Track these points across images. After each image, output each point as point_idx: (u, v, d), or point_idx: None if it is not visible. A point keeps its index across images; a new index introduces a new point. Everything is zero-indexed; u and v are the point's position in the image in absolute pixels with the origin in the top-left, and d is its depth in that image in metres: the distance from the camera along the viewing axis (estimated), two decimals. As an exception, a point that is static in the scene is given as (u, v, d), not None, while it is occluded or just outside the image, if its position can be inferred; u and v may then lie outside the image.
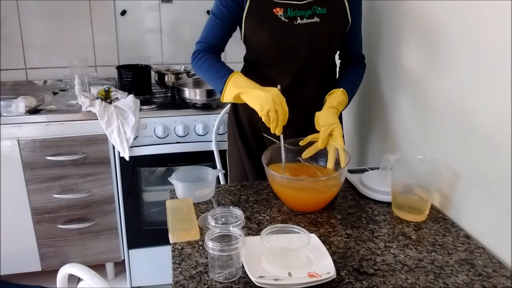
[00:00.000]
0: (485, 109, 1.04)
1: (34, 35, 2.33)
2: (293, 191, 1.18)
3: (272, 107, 1.17)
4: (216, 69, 1.31)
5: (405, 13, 1.38)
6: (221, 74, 1.28)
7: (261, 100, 1.19)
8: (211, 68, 1.32)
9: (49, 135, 1.93)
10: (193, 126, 2.04)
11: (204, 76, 1.36)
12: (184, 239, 1.05)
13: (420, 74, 1.32)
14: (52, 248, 2.09)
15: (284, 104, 1.19)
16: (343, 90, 1.34)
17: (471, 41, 1.08)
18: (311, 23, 1.32)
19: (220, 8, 1.34)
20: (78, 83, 2.14)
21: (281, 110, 1.18)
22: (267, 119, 1.19)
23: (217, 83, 1.29)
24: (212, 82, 1.32)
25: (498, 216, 1.00)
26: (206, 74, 1.34)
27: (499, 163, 0.99)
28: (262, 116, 1.19)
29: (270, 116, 1.18)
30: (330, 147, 1.26)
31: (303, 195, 1.18)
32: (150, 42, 2.49)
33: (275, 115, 1.17)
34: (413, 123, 1.38)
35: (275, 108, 1.17)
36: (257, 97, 1.20)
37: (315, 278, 0.87)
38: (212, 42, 1.37)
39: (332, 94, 1.35)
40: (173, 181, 1.23)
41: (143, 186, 2.11)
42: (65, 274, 1.03)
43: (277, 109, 1.17)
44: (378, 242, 1.06)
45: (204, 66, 1.34)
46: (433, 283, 0.90)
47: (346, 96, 1.35)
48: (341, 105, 1.34)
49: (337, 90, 1.35)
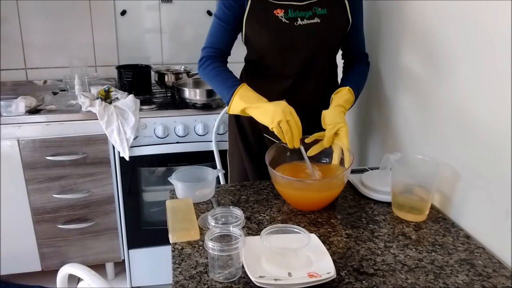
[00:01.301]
0: (485, 109, 1.04)
1: (34, 35, 2.33)
2: (296, 191, 1.18)
3: (283, 118, 1.16)
4: (223, 79, 1.31)
5: (405, 13, 1.38)
6: (228, 85, 1.28)
7: (270, 113, 1.18)
8: (218, 77, 1.32)
9: (49, 135, 1.93)
10: (193, 126, 2.04)
11: (211, 84, 1.36)
12: (184, 239, 1.05)
13: (420, 74, 1.32)
14: (52, 248, 2.09)
15: (295, 115, 1.18)
16: (349, 88, 1.34)
17: (471, 41, 1.08)
18: (311, 23, 1.32)
19: (223, 11, 1.33)
20: (78, 83, 2.14)
21: (293, 120, 1.17)
22: (280, 131, 1.17)
23: (223, 94, 1.29)
24: (219, 91, 1.32)
25: (498, 216, 1.00)
26: (213, 83, 1.34)
27: (499, 163, 0.99)
28: (274, 129, 1.18)
29: (283, 128, 1.16)
30: (335, 146, 1.25)
31: (306, 195, 1.18)
32: (150, 42, 2.49)
33: (287, 125, 1.16)
34: (413, 123, 1.38)
35: (286, 119, 1.16)
36: (266, 110, 1.19)
37: (315, 278, 0.87)
38: (218, 47, 1.36)
39: (338, 92, 1.35)
40: (173, 181, 1.23)
41: (143, 186, 2.11)
42: (65, 274, 1.03)
43: (289, 119, 1.16)
44: (378, 242, 1.06)
45: (211, 74, 1.33)
46: (433, 283, 0.90)
47: (353, 94, 1.34)
48: (348, 103, 1.33)
49: (343, 89, 1.34)
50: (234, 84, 1.27)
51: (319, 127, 1.29)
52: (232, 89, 1.26)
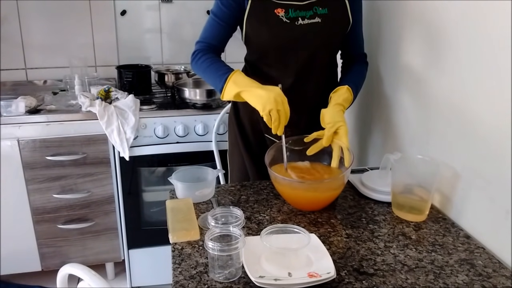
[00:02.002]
0: (485, 109, 1.04)
1: (34, 35, 2.33)
2: (296, 191, 1.18)
3: (275, 107, 1.17)
4: (216, 67, 1.31)
5: (405, 12, 1.38)
6: (222, 72, 1.28)
7: (263, 99, 1.18)
8: (211, 67, 1.32)
9: (49, 135, 1.93)
10: (193, 126, 2.04)
11: (204, 75, 1.36)
12: (184, 239, 1.05)
13: (421, 74, 1.32)
14: (52, 248, 2.09)
15: (285, 104, 1.19)
16: (348, 87, 1.34)
17: (471, 41, 1.08)
18: (312, 23, 1.32)
19: (220, 8, 1.33)
20: (78, 83, 2.14)
21: (283, 110, 1.18)
22: (269, 118, 1.19)
23: (217, 81, 1.29)
24: (212, 80, 1.32)
25: (498, 216, 1.00)
26: (206, 73, 1.34)
27: (499, 163, 0.99)
28: (263, 115, 1.19)
29: (272, 116, 1.18)
30: (334, 145, 1.25)
31: (306, 195, 1.18)
32: (150, 42, 2.49)
33: (277, 115, 1.17)
34: (413, 123, 1.38)
35: (277, 108, 1.17)
36: (259, 96, 1.20)
37: (315, 278, 0.87)
38: (212, 42, 1.37)
39: (337, 91, 1.35)
40: (173, 181, 1.23)
41: (143, 186, 2.11)
42: (65, 274, 1.03)
43: (279, 109, 1.17)
44: (378, 242, 1.06)
45: (204, 65, 1.33)
46: (433, 283, 0.90)
47: (351, 93, 1.34)
48: (347, 102, 1.33)
49: (342, 87, 1.34)
50: (228, 71, 1.27)
51: (319, 126, 1.29)
52: (225, 75, 1.26)
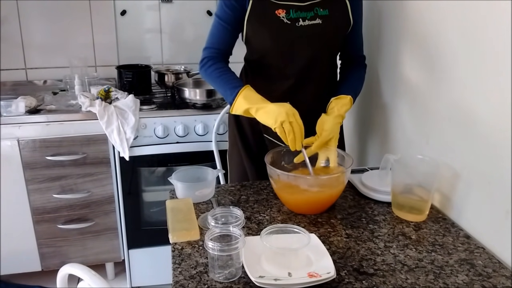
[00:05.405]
0: (485, 109, 1.04)
1: (34, 35, 2.32)
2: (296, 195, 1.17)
3: (286, 119, 1.16)
4: (226, 79, 1.31)
5: (404, 14, 1.38)
6: (232, 85, 1.28)
7: (274, 113, 1.18)
8: (222, 78, 1.32)
9: (49, 135, 1.93)
10: (193, 126, 2.04)
11: (214, 84, 1.36)
12: (184, 239, 1.05)
13: (421, 74, 1.32)
14: (52, 248, 2.09)
15: (297, 116, 1.18)
16: (351, 98, 1.36)
17: (470, 41, 1.08)
18: (313, 24, 1.32)
19: (224, 10, 1.33)
20: (78, 83, 2.14)
21: (296, 122, 1.17)
22: (282, 131, 1.18)
23: (227, 94, 1.29)
24: (222, 92, 1.32)
25: (498, 216, 1.00)
26: (216, 84, 1.34)
27: (499, 163, 0.99)
28: (276, 128, 1.18)
29: (285, 128, 1.17)
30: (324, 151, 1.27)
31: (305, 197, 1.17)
32: (150, 42, 2.49)
33: (290, 126, 1.16)
34: (413, 123, 1.38)
35: (289, 120, 1.16)
36: (270, 111, 1.19)
37: (315, 278, 0.87)
38: (220, 47, 1.36)
39: (340, 99, 1.35)
40: (173, 181, 1.23)
41: (143, 186, 2.11)
42: (65, 274, 1.03)
43: (291, 121, 1.16)
44: (378, 242, 1.06)
45: (214, 75, 1.33)
46: (433, 283, 0.90)
47: (352, 103, 1.37)
48: (346, 113, 1.35)
49: (346, 97, 1.35)
50: (238, 85, 1.28)
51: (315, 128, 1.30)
52: (236, 89, 1.26)
